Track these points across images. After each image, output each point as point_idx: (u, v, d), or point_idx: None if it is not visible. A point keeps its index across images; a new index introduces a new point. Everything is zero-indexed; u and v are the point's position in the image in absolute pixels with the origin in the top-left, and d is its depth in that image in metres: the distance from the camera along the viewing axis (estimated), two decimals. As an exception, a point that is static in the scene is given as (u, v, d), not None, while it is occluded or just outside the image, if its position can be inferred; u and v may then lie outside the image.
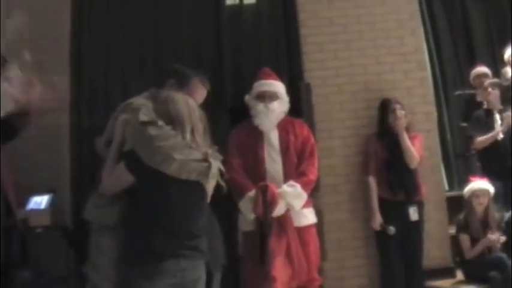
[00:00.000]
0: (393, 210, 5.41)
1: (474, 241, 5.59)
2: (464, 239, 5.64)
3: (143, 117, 3.12)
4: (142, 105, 3.28)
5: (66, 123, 6.27)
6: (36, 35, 6.30)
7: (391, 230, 5.34)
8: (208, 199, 3.33)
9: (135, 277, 2.96)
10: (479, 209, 5.64)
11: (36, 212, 5.59)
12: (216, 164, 3.18)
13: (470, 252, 5.57)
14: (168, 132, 3.06)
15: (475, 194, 5.66)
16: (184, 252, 3.02)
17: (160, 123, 3.10)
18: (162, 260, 2.96)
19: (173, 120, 3.13)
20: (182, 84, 3.61)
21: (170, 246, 2.99)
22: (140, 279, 2.94)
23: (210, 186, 3.26)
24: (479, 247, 5.52)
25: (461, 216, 5.75)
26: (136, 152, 3.05)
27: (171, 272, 2.97)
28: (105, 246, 3.12)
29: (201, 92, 3.70)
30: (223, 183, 3.44)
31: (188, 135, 3.12)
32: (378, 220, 5.46)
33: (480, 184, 5.70)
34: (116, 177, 3.15)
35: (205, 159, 3.09)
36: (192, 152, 3.06)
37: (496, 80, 6.47)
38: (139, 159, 3.03)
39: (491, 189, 5.69)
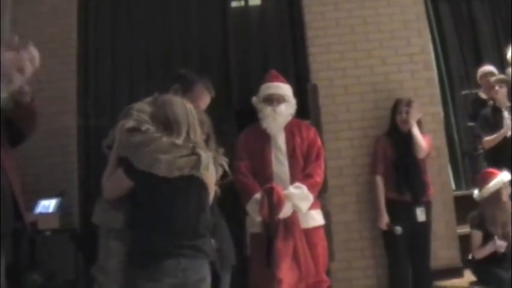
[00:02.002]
0: (400, 210, 5.39)
1: (488, 238, 5.46)
2: (477, 236, 5.51)
3: (129, 123, 3.14)
4: (138, 110, 3.28)
5: (74, 125, 6.29)
6: (44, 38, 6.33)
7: (398, 230, 5.32)
8: (211, 195, 3.34)
9: (138, 278, 2.98)
10: (505, 199, 5.50)
11: (45, 215, 5.62)
12: (207, 156, 3.17)
13: (480, 252, 5.46)
14: (151, 136, 3.08)
15: (506, 185, 5.51)
16: (184, 252, 3.03)
17: (146, 127, 3.12)
18: (161, 260, 2.98)
19: (170, 122, 3.16)
20: (187, 89, 3.62)
21: (169, 246, 3.00)
22: (143, 280, 2.96)
23: (208, 180, 3.25)
24: (491, 247, 5.40)
25: (475, 212, 5.63)
26: (128, 158, 3.11)
27: (172, 272, 2.98)
28: (113, 249, 3.14)
29: (205, 98, 3.72)
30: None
31: (183, 136, 3.14)
32: (384, 219, 5.44)
33: (508, 176, 5.55)
34: (115, 182, 3.20)
35: (194, 153, 3.09)
36: (178, 149, 3.07)
37: (502, 76, 6.45)
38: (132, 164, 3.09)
39: None
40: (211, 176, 3.28)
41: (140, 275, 2.97)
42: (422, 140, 5.48)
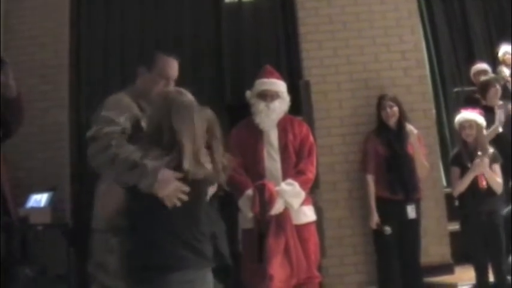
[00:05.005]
0: (391, 208, 5.38)
1: (465, 173, 5.33)
2: (455, 172, 5.41)
3: (89, 132, 3.06)
4: (110, 107, 3.16)
5: (66, 120, 6.29)
6: (36, 32, 6.34)
7: (387, 230, 5.34)
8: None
9: None
10: (469, 140, 5.41)
11: (37, 210, 5.62)
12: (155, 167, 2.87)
13: (459, 186, 5.32)
14: (102, 146, 2.95)
15: (462, 125, 5.45)
16: (191, 261, 2.87)
17: (106, 131, 2.96)
18: (166, 273, 2.82)
19: (170, 138, 2.89)
20: (150, 65, 3.46)
21: (173, 258, 2.84)
22: None
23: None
24: (467, 178, 5.25)
25: (455, 150, 5.62)
26: None
27: (177, 285, 2.83)
28: (114, 245, 3.07)
29: (171, 64, 3.50)
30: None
31: (189, 159, 2.86)
32: (374, 219, 5.45)
33: (466, 115, 5.49)
34: (109, 193, 3.10)
35: (135, 166, 2.84)
36: (117, 166, 2.89)
37: (493, 75, 6.48)
38: None
39: (480, 119, 5.49)
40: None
41: None
42: (425, 164, 5.56)
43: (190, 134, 2.91)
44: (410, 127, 5.51)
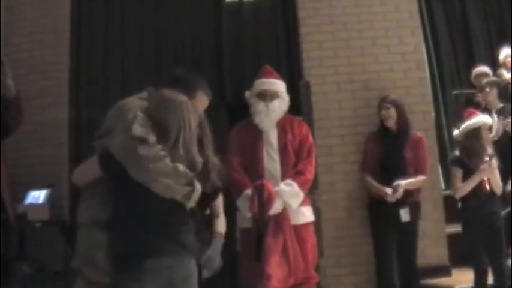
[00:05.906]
0: (385, 210, 5.37)
1: (469, 175, 5.24)
2: (457, 172, 5.29)
3: (137, 130, 3.00)
4: (136, 112, 3.16)
5: (65, 117, 6.29)
6: (36, 29, 6.34)
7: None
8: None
9: (124, 280, 2.94)
10: (483, 142, 5.29)
11: (35, 206, 5.62)
12: (199, 189, 3.04)
13: (462, 188, 5.23)
14: (158, 154, 2.96)
15: (485, 127, 5.35)
16: (167, 249, 2.98)
17: (152, 139, 2.99)
18: (143, 260, 2.93)
19: (161, 127, 3.05)
20: (189, 95, 3.48)
21: (149, 245, 2.95)
22: (128, 281, 2.93)
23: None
24: (472, 182, 5.18)
25: (457, 151, 5.46)
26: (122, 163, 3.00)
27: (155, 271, 2.93)
28: (100, 240, 3.06)
29: (205, 103, 3.56)
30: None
31: (181, 150, 3.03)
32: (388, 191, 5.34)
33: (487, 119, 5.43)
34: (86, 170, 3.20)
35: (189, 183, 3.00)
36: (178, 177, 2.97)
37: (493, 78, 6.49)
38: (122, 167, 2.98)
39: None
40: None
41: (125, 277, 2.94)
42: (414, 183, 5.44)
43: (178, 126, 3.05)
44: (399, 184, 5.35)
